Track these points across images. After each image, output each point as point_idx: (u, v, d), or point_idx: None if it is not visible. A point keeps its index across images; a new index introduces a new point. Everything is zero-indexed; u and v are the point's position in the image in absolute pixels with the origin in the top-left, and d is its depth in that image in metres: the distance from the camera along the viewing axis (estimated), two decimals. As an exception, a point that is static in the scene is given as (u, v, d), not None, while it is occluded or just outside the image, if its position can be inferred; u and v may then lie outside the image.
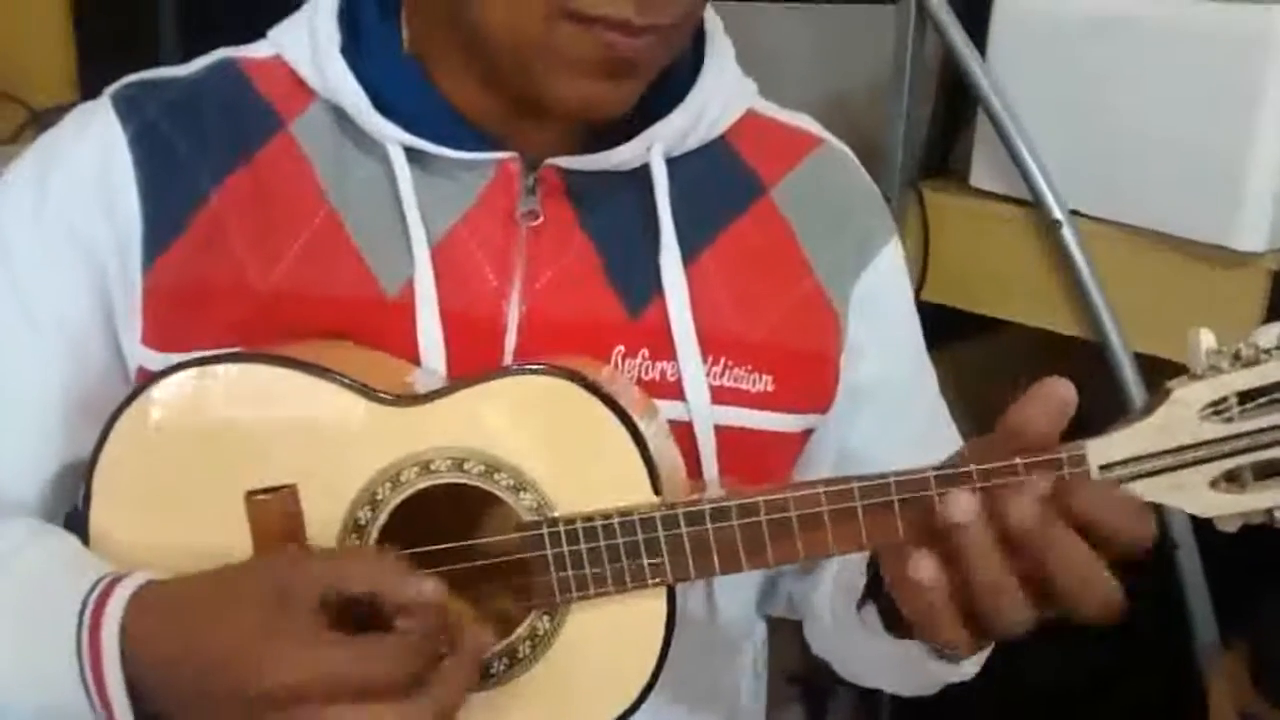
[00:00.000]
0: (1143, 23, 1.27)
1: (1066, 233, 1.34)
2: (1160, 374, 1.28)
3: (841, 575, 0.86)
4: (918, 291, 1.34)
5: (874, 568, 0.76)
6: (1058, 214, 1.34)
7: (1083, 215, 1.35)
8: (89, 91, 0.83)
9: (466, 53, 0.77)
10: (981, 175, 1.45)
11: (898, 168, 1.48)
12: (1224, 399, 0.63)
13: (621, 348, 0.79)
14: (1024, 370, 0.67)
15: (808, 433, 0.86)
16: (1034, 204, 1.36)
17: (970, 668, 0.81)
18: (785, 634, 0.97)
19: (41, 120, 1.51)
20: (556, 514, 0.70)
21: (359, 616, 0.64)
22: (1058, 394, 0.64)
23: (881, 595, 0.74)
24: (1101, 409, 0.70)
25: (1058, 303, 1.37)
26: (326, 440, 0.72)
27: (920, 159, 1.52)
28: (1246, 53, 1.18)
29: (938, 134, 1.55)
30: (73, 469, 0.80)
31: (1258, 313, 1.22)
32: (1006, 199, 1.42)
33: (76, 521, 0.75)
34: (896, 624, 0.75)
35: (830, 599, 0.88)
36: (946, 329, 1.15)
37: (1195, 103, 1.23)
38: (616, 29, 0.70)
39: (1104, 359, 1.32)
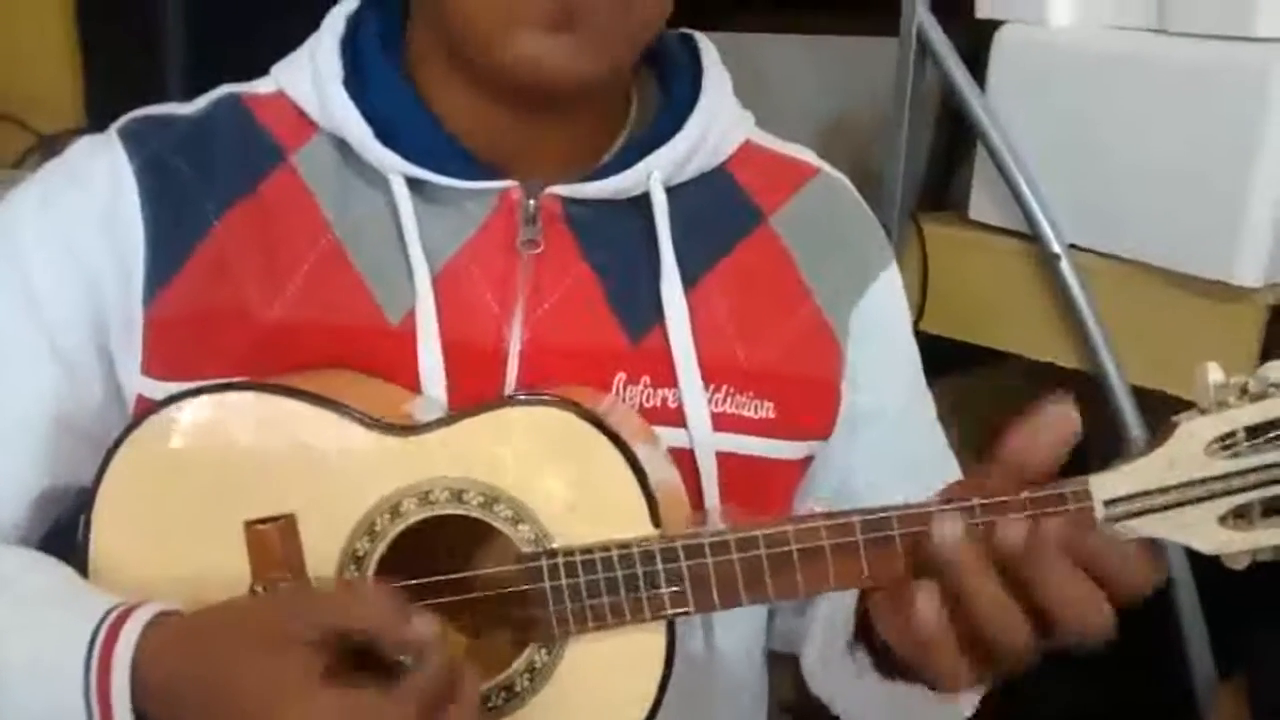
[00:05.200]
0: (1141, 58, 1.28)
1: (1065, 266, 1.34)
2: (1159, 407, 1.29)
3: (832, 616, 0.85)
4: (916, 323, 1.34)
5: (862, 609, 0.76)
6: (1056, 247, 1.35)
7: (1081, 249, 1.35)
8: (96, 116, 0.84)
9: (452, 60, 0.78)
10: (980, 208, 1.46)
11: (897, 199, 1.48)
12: (1232, 434, 0.63)
13: (623, 375, 0.79)
14: (1022, 402, 0.67)
15: (808, 459, 0.86)
16: (1032, 237, 1.37)
17: (966, 708, 0.80)
18: (780, 665, 0.97)
19: (48, 145, 1.50)
20: (555, 546, 0.70)
21: (362, 654, 0.64)
22: (1060, 422, 0.64)
23: (872, 636, 0.74)
24: (1099, 442, 0.70)
25: (1056, 335, 1.37)
26: (326, 469, 0.71)
27: (919, 191, 1.53)
28: (1244, 89, 1.19)
29: (937, 166, 1.56)
30: (54, 492, 0.80)
31: (1255, 346, 1.23)
32: (1005, 232, 1.42)
33: (64, 548, 0.75)
34: (887, 664, 0.75)
35: (820, 640, 0.87)
36: (944, 360, 1.15)
37: (1193, 138, 1.23)
38: None
39: (1102, 392, 1.33)
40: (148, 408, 0.74)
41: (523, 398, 0.72)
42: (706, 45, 0.86)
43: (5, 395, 0.79)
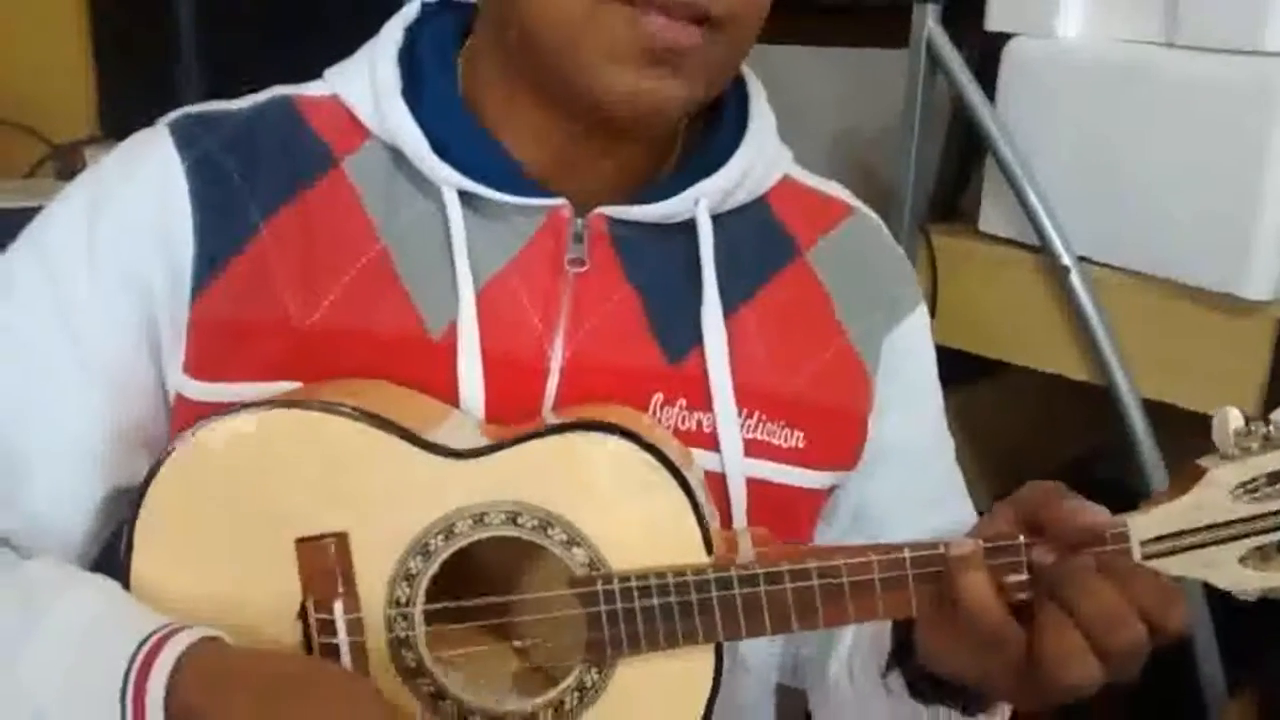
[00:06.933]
0: (1151, 71, 1.28)
1: (1075, 278, 1.35)
2: (1169, 420, 1.28)
3: (860, 641, 0.86)
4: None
5: (898, 633, 0.77)
6: (1066, 260, 1.35)
7: (1091, 261, 1.36)
8: (109, 126, 0.83)
9: (519, 81, 0.78)
10: (990, 220, 1.46)
11: (907, 211, 1.49)
12: (1254, 479, 0.67)
13: (660, 396, 0.80)
14: (1032, 414, 0.68)
15: (833, 487, 0.87)
16: (1042, 249, 1.37)
17: None
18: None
19: (60, 155, 1.49)
20: (609, 570, 0.71)
21: None
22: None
23: (908, 660, 0.75)
24: (1109, 455, 0.71)
25: (1066, 348, 1.37)
26: (380, 490, 0.71)
27: (930, 203, 1.53)
28: (1255, 102, 1.19)
29: (947, 178, 1.56)
30: (117, 494, 0.80)
31: (1266, 359, 1.23)
32: (1015, 244, 1.43)
33: (116, 562, 0.74)
34: (922, 689, 0.76)
35: (848, 665, 0.88)
36: (954, 372, 1.15)
37: (1203, 150, 1.24)
38: (660, 11, 0.71)
39: (1111, 404, 1.33)
40: (186, 414, 0.75)
41: (579, 424, 0.72)
42: (753, 78, 0.87)
43: (56, 420, 0.79)
